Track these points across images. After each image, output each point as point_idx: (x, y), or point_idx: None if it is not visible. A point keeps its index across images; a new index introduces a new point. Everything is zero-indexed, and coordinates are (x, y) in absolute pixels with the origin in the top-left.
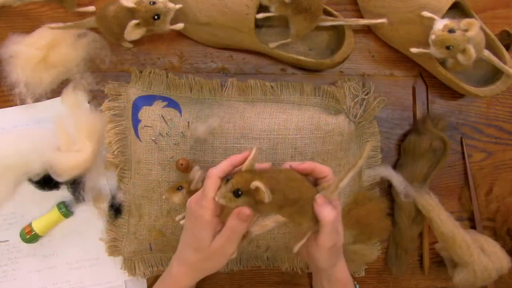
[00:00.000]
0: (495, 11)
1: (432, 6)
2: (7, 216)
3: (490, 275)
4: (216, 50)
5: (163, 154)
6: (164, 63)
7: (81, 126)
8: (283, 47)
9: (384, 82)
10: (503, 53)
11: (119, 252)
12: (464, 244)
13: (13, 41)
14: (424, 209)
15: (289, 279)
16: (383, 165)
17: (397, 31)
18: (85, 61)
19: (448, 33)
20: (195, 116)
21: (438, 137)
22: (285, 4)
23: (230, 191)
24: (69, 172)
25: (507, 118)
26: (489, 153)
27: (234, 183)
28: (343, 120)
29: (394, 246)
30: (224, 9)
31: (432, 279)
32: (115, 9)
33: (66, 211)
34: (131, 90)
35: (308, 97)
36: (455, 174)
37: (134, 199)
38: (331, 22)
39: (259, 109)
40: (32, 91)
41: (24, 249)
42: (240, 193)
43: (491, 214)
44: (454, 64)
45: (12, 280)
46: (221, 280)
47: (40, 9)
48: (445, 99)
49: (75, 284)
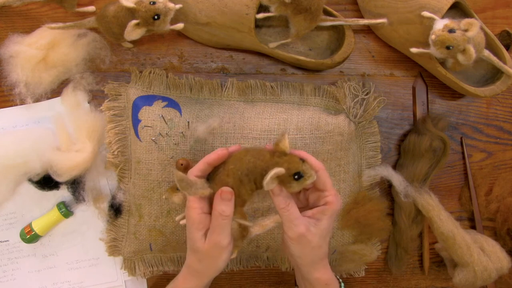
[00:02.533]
0: (495, 11)
1: (432, 6)
2: (7, 216)
3: (490, 275)
4: (216, 50)
5: (163, 154)
6: (164, 63)
7: (81, 126)
8: (283, 47)
9: (384, 82)
10: (503, 53)
11: (119, 252)
12: (464, 244)
13: (13, 41)
14: (424, 209)
15: (289, 279)
16: (383, 165)
17: (397, 31)
18: (85, 61)
19: (448, 33)
20: (195, 116)
21: (438, 137)
22: (285, 4)
23: (290, 175)
24: (69, 172)
25: (507, 118)
26: (489, 153)
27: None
28: (343, 120)
29: (394, 246)
30: (224, 9)
31: (432, 279)
32: (115, 9)
33: (66, 211)
34: (131, 90)
35: (308, 97)
36: (455, 174)
37: (134, 199)
38: (331, 22)
39: (259, 109)
40: (32, 91)
41: (24, 249)
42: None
43: (491, 214)
44: (454, 64)
45: (12, 280)
46: (221, 280)
47: (40, 9)
48: (445, 99)
49: (75, 284)
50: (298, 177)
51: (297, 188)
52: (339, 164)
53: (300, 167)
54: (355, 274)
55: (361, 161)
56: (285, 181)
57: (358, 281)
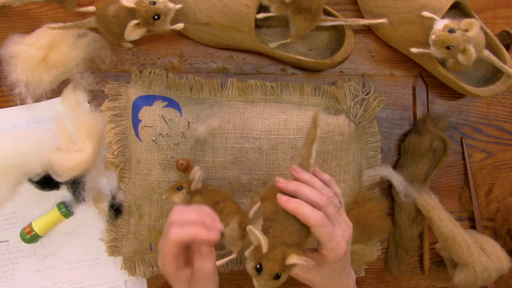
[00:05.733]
0: (495, 11)
1: (432, 6)
2: (7, 216)
3: (490, 275)
4: (216, 50)
5: (163, 154)
6: (164, 63)
7: (81, 126)
8: (283, 47)
9: (384, 82)
10: (503, 53)
11: (119, 252)
12: (464, 244)
13: (13, 41)
14: (424, 209)
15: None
16: (383, 165)
17: (397, 31)
18: (85, 61)
19: (448, 33)
20: (195, 116)
21: (438, 137)
22: (285, 4)
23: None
24: (69, 172)
25: (507, 118)
26: (489, 153)
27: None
28: (343, 120)
29: (394, 246)
30: (224, 9)
31: (432, 279)
32: (115, 9)
33: (66, 211)
34: (131, 90)
35: (308, 97)
36: (455, 174)
37: (134, 199)
38: (331, 22)
39: (259, 109)
40: (32, 91)
41: (24, 249)
42: (280, 275)
43: (491, 214)
44: (454, 64)
45: (12, 280)
46: (221, 280)
47: (40, 9)
48: (445, 99)
49: (75, 284)
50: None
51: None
52: (339, 164)
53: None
54: (355, 274)
55: (361, 161)
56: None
57: (358, 281)
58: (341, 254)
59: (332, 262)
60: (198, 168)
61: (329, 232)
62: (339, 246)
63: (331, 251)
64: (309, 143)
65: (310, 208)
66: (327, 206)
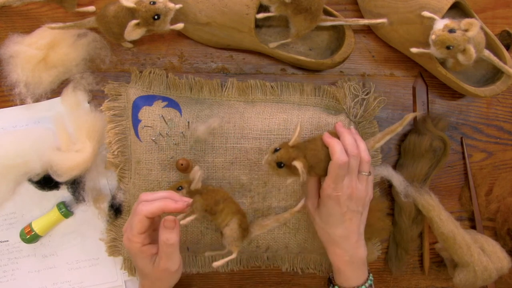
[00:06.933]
0: (495, 11)
1: (432, 6)
2: (7, 216)
3: (490, 275)
4: (216, 50)
5: (163, 154)
6: (164, 63)
7: (81, 126)
8: (283, 47)
9: (384, 82)
10: (503, 53)
11: (119, 252)
12: (464, 244)
13: (13, 41)
14: (424, 209)
15: (289, 279)
16: (383, 165)
17: (397, 31)
18: (85, 61)
19: (449, 33)
20: (195, 116)
21: (438, 137)
22: (285, 4)
23: (274, 161)
24: (69, 172)
25: (507, 118)
26: (489, 153)
27: (279, 156)
28: (343, 120)
29: (394, 246)
30: (224, 9)
31: (432, 279)
32: (115, 9)
33: (66, 211)
34: (131, 90)
35: (308, 97)
36: (455, 174)
37: (134, 199)
38: (331, 22)
39: (259, 109)
40: (32, 91)
41: (24, 249)
42: (283, 165)
43: (491, 214)
44: (454, 64)
45: (12, 280)
46: (221, 280)
47: (40, 9)
48: (445, 99)
49: (75, 284)
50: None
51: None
52: None
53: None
54: None
55: None
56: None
57: None
58: (330, 193)
59: (323, 198)
60: (198, 168)
61: (338, 174)
62: (336, 187)
63: (326, 187)
64: (387, 132)
65: (342, 148)
66: (355, 157)
